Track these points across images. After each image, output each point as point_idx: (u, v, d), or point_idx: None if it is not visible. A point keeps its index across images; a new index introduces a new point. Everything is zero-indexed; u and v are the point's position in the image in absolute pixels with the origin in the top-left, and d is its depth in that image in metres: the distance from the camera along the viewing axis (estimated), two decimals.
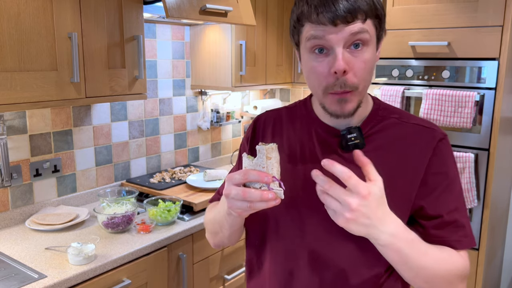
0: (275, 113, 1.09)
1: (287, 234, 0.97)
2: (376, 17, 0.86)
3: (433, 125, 0.97)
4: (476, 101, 2.04)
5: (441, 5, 2.11)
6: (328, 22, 0.82)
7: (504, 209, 2.63)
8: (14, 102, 1.47)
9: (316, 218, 0.93)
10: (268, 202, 0.79)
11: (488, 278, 2.35)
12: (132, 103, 2.31)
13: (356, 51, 0.85)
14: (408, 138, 0.94)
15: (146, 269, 1.72)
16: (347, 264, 0.92)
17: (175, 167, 2.57)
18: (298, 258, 0.96)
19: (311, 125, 1.01)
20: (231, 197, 0.81)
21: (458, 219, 0.91)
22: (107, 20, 1.72)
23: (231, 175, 0.82)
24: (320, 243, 0.94)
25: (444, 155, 0.93)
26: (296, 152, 0.99)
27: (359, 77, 0.86)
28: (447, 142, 0.95)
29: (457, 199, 0.93)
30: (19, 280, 1.41)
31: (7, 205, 1.85)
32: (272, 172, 0.80)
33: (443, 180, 0.92)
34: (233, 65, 2.40)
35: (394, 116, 0.97)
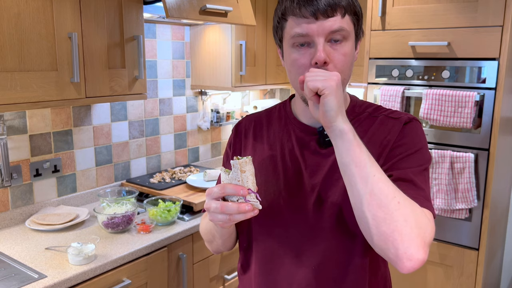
0: (255, 117, 1.14)
1: (270, 234, 1.01)
2: (354, 14, 0.93)
3: (401, 115, 1.00)
4: (476, 101, 2.04)
5: (441, 5, 2.11)
6: (310, 15, 0.88)
7: (504, 209, 2.63)
8: (14, 102, 1.47)
9: (298, 216, 0.97)
10: (246, 214, 0.83)
11: (488, 278, 2.35)
12: (132, 103, 2.31)
13: (336, 44, 0.90)
14: (377, 128, 0.98)
15: (146, 269, 1.72)
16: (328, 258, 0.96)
17: (175, 167, 2.57)
18: (281, 256, 1.00)
19: (290, 125, 1.05)
20: (211, 211, 0.85)
21: (413, 179, 0.89)
22: (107, 20, 1.72)
23: (210, 190, 0.86)
24: (302, 240, 0.97)
25: (407, 134, 0.96)
26: (277, 152, 1.03)
27: (339, 68, 0.90)
28: (413, 125, 0.97)
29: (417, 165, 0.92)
30: (19, 280, 1.41)
31: (7, 205, 1.85)
32: (248, 185, 0.84)
33: (403, 151, 0.93)
34: (233, 65, 2.40)
35: (367, 111, 1.02)
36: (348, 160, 0.82)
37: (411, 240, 0.77)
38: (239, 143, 1.11)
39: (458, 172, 2.09)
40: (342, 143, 0.83)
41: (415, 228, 0.78)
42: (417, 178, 0.90)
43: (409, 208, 0.80)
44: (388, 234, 0.78)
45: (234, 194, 0.83)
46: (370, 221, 0.80)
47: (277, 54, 2.70)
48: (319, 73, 0.85)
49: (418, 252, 0.77)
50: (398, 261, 0.78)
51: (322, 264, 0.96)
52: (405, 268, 0.78)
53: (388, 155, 0.94)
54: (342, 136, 0.83)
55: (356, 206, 0.83)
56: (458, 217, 2.15)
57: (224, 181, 0.87)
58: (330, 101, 0.82)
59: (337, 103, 0.82)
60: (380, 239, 0.80)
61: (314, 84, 0.82)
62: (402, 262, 0.78)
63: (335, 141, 0.85)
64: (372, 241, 0.83)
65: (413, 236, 0.77)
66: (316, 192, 0.96)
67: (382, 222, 0.79)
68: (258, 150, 1.06)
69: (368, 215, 0.80)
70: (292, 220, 0.98)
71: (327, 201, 0.95)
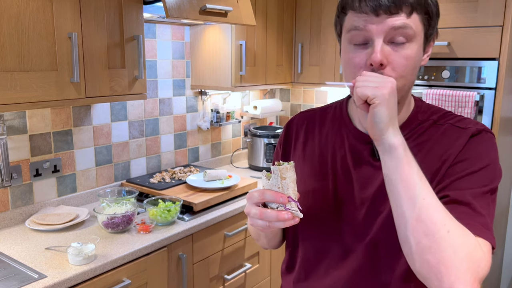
0: (308, 114, 1.06)
1: (314, 242, 0.98)
2: (425, 13, 0.82)
3: (469, 124, 0.89)
4: (476, 101, 2.04)
5: (441, 5, 2.10)
6: (370, 11, 0.79)
7: (504, 209, 2.63)
8: (14, 102, 1.47)
9: (344, 228, 0.93)
10: (286, 222, 0.79)
11: (488, 278, 2.35)
12: (132, 103, 2.31)
13: (397, 46, 0.81)
14: (440, 139, 0.88)
15: (146, 269, 1.71)
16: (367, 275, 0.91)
17: (175, 167, 2.57)
18: (322, 265, 0.97)
19: (343, 129, 0.97)
20: (251, 216, 0.82)
21: (471, 202, 0.79)
22: (107, 20, 1.72)
23: (251, 194, 0.83)
24: (345, 252, 0.93)
25: (473, 148, 0.85)
26: (328, 158, 0.97)
27: (398, 72, 0.81)
28: (481, 137, 0.86)
29: (479, 186, 0.81)
30: (19, 280, 1.41)
31: (7, 205, 1.85)
32: (288, 192, 0.81)
33: (464, 168, 0.83)
34: (233, 65, 2.40)
35: (432, 118, 0.92)
36: (395, 177, 0.75)
37: (458, 274, 0.69)
38: (289, 142, 1.05)
39: None
40: (390, 158, 0.76)
41: (465, 262, 0.70)
42: (476, 202, 0.79)
43: (461, 238, 0.72)
44: (433, 264, 0.71)
45: (273, 201, 0.80)
46: (413, 248, 0.73)
47: (277, 54, 2.71)
48: (372, 78, 0.76)
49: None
50: None
51: (359, 282, 0.92)
52: None
53: (447, 171, 0.84)
54: (391, 151, 0.76)
55: (399, 229, 0.76)
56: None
57: (264, 186, 0.83)
58: (380, 111, 0.74)
59: (388, 114, 0.74)
60: (423, 267, 0.73)
61: (364, 92, 0.75)
62: None
63: (383, 155, 0.77)
64: (414, 268, 0.75)
65: (462, 270, 0.69)
66: (366, 207, 0.90)
67: (427, 251, 0.72)
68: (308, 154, 1.00)
69: (412, 241, 0.73)
70: (338, 232, 0.93)
71: (376, 218, 0.88)
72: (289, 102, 3.25)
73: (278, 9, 2.65)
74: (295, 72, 2.83)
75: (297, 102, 3.22)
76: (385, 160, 0.77)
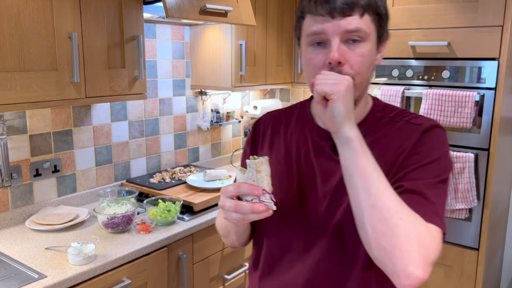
0: (274, 114, 1.12)
1: (280, 235, 1.01)
2: (376, 14, 0.88)
3: (423, 121, 0.95)
4: (476, 101, 2.04)
5: (441, 5, 2.11)
6: (326, 13, 0.85)
7: (504, 209, 2.63)
8: (14, 102, 1.47)
9: (308, 221, 0.97)
10: (260, 214, 0.83)
11: (488, 278, 2.35)
12: (132, 103, 2.31)
13: (353, 45, 0.87)
14: (395, 135, 0.94)
15: (146, 269, 1.72)
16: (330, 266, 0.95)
17: (175, 167, 2.57)
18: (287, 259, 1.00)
19: (307, 127, 1.03)
20: (225, 209, 0.85)
21: (424, 192, 0.85)
22: (107, 20, 1.72)
23: (225, 188, 0.86)
24: (308, 244, 0.97)
25: (425, 142, 0.91)
26: (293, 154, 1.02)
27: (355, 70, 0.87)
28: (433, 132, 0.93)
29: (431, 177, 0.87)
30: (19, 280, 1.41)
31: (7, 205, 1.85)
32: (263, 185, 0.84)
33: (418, 160, 0.89)
34: (233, 65, 2.40)
35: (389, 116, 0.98)
36: (352, 169, 0.81)
37: (410, 257, 0.75)
38: (256, 141, 1.10)
39: (458, 172, 2.09)
40: (347, 151, 0.82)
41: (417, 246, 0.76)
42: (429, 191, 0.85)
43: (413, 224, 0.77)
44: (387, 249, 0.77)
45: (249, 194, 0.83)
46: (370, 233, 0.79)
47: (277, 54, 2.71)
48: (330, 76, 0.83)
49: (417, 270, 0.75)
50: (396, 277, 0.77)
51: (322, 272, 0.96)
52: (402, 285, 0.77)
53: (402, 164, 0.90)
54: (348, 144, 0.82)
55: (357, 216, 0.82)
56: (458, 217, 2.15)
57: (239, 180, 0.87)
58: (338, 106, 0.80)
59: (345, 109, 0.80)
60: (379, 252, 0.79)
61: (322, 88, 0.81)
62: (399, 278, 0.77)
63: (340, 148, 0.83)
64: (371, 253, 0.82)
65: (414, 253, 0.75)
66: (327, 199, 0.95)
67: (382, 236, 0.77)
68: (275, 151, 1.05)
69: (368, 227, 0.79)
70: (302, 225, 0.98)
71: (336, 210, 0.94)
72: (289, 102, 3.25)
73: (278, 9, 2.65)
74: (295, 72, 2.83)
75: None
76: (343, 152, 0.83)
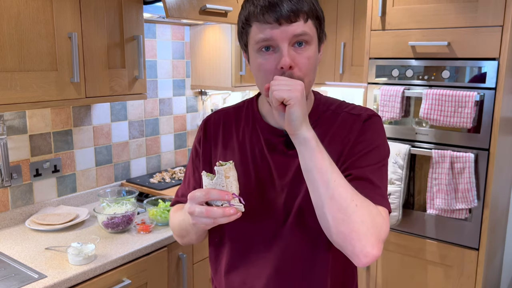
0: (223, 113, 1.15)
1: (242, 232, 1.04)
2: (316, 18, 0.95)
3: (361, 111, 1.03)
4: (476, 101, 2.04)
5: (441, 5, 2.11)
6: (273, 21, 0.90)
7: (504, 209, 2.63)
8: (14, 102, 1.47)
9: (269, 215, 1.02)
10: (230, 217, 0.87)
11: (488, 278, 2.35)
12: (132, 103, 2.31)
13: (299, 49, 0.92)
14: (339, 126, 1.02)
15: (146, 269, 1.72)
16: (295, 253, 1.01)
17: (175, 167, 2.57)
18: (251, 252, 1.04)
19: (257, 126, 1.07)
20: (196, 215, 0.87)
21: (370, 177, 0.94)
22: (107, 20, 1.72)
23: (193, 194, 0.88)
24: (271, 237, 1.02)
25: (366, 131, 1.00)
26: (247, 153, 1.06)
27: (304, 72, 0.93)
28: (372, 121, 1.01)
29: (374, 162, 0.96)
30: (19, 280, 1.41)
31: (7, 205, 1.85)
32: (232, 190, 0.87)
33: (361, 148, 0.97)
34: (233, 65, 2.40)
35: (331, 109, 1.06)
36: (311, 166, 0.87)
37: (367, 239, 0.84)
38: (208, 142, 1.13)
39: (458, 172, 2.09)
40: (305, 150, 0.88)
41: (371, 228, 0.85)
42: (373, 176, 0.95)
43: (366, 209, 0.86)
44: (346, 234, 0.85)
45: (219, 199, 0.86)
46: (330, 222, 0.87)
47: None
48: (284, 81, 0.87)
49: (373, 250, 0.85)
50: (355, 257, 0.86)
51: (289, 260, 1.01)
52: (361, 263, 0.86)
53: (348, 153, 0.98)
54: (306, 144, 0.87)
55: (317, 208, 0.89)
56: (458, 217, 2.15)
57: (207, 186, 0.89)
58: (295, 111, 0.85)
59: (301, 112, 0.86)
60: (339, 237, 0.87)
61: (280, 94, 0.85)
62: (358, 258, 0.86)
63: (299, 148, 0.89)
64: (331, 238, 0.89)
65: (369, 235, 0.85)
66: (285, 192, 1.00)
67: (341, 223, 0.85)
68: (230, 148, 1.09)
69: (329, 217, 0.87)
70: (263, 219, 1.02)
71: (294, 201, 1.00)
72: None
73: None
74: None
75: None
76: (301, 151, 0.89)
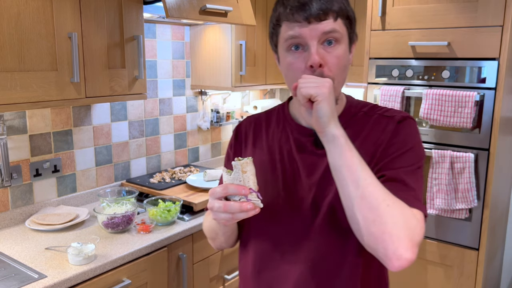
0: (255, 118, 1.16)
1: (268, 233, 1.03)
2: (346, 18, 0.94)
3: (395, 113, 1.02)
4: (476, 101, 2.04)
5: (441, 5, 2.11)
6: (303, 20, 0.90)
7: (504, 209, 2.63)
8: (14, 102, 1.47)
9: (296, 215, 1.00)
10: (248, 212, 0.86)
11: (488, 278, 2.35)
12: (132, 103, 2.31)
13: (329, 47, 0.92)
14: (372, 128, 1.00)
15: (146, 269, 1.72)
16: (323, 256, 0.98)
17: (175, 167, 2.57)
18: (278, 254, 1.02)
19: (287, 127, 1.08)
20: (215, 210, 0.88)
21: (404, 179, 0.92)
22: (107, 20, 1.72)
23: (213, 190, 0.89)
24: (298, 238, 1.00)
25: (400, 132, 0.98)
26: (275, 154, 1.06)
27: (333, 71, 0.93)
28: (406, 123, 0.99)
29: (409, 164, 0.94)
30: (19, 280, 1.41)
31: (7, 205, 1.85)
32: (249, 185, 0.88)
33: (395, 150, 0.95)
34: (233, 65, 2.40)
35: (363, 111, 1.04)
36: (340, 164, 0.86)
37: (399, 241, 0.81)
38: (239, 145, 1.14)
39: (458, 172, 2.09)
40: (334, 147, 0.86)
41: (404, 230, 0.81)
42: (408, 178, 0.92)
43: (399, 210, 0.83)
44: (378, 235, 0.82)
45: (236, 194, 0.86)
46: (360, 222, 0.84)
47: None
48: (312, 79, 0.87)
49: (406, 252, 0.81)
50: (388, 260, 0.82)
51: (317, 262, 0.98)
52: (394, 267, 0.82)
53: (381, 154, 0.96)
54: (334, 141, 0.86)
55: (347, 208, 0.86)
56: (458, 217, 2.15)
57: (226, 181, 0.90)
58: (323, 107, 0.85)
59: (329, 109, 0.85)
60: (370, 239, 0.83)
61: (307, 91, 0.85)
62: (391, 261, 0.82)
63: (327, 145, 0.88)
64: (362, 241, 0.86)
65: (402, 237, 0.81)
66: (313, 192, 0.99)
67: (372, 224, 0.82)
68: (258, 152, 1.09)
69: (359, 217, 0.84)
70: (290, 219, 1.01)
71: (323, 200, 0.98)
72: None
73: None
74: None
75: None
76: (330, 149, 0.87)
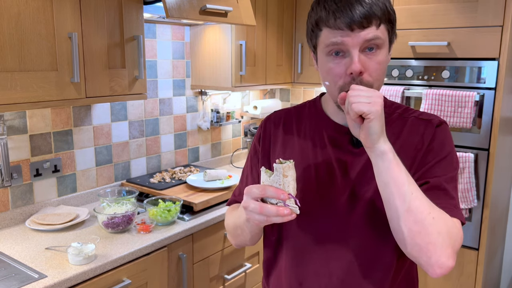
0: (284, 112, 1.14)
1: (302, 230, 1.02)
2: (389, 22, 0.94)
3: (431, 116, 1.02)
4: (476, 101, 2.04)
5: (441, 5, 2.11)
6: (345, 27, 0.88)
7: (504, 209, 2.63)
8: (14, 102, 1.47)
9: (330, 213, 1.00)
10: (284, 217, 0.84)
11: (488, 278, 2.35)
12: (132, 103, 2.31)
13: (370, 54, 0.91)
14: (410, 130, 1.00)
15: (146, 269, 1.72)
16: (357, 255, 0.98)
17: (175, 167, 2.57)
18: (312, 251, 1.01)
19: (321, 124, 1.06)
20: (249, 210, 0.86)
21: (446, 188, 0.94)
22: (107, 20, 1.72)
23: (250, 189, 0.86)
24: (332, 236, 0.99)
25: (438, 137, 0.99)
26: (308, 150, 1.04)
27: (374, 77, 0.92)
28: (443, 128, 1.01)
29: (448, 172, 0.96)
30: (19, 280, 1.41)
31: (7, 205, 1.85)
32: (288, 190, 0.85)
33: (435, 156, 0.97)
34: (233, 65, 2.40)
35: (398, 112, 1.04)
36: (387, 179, 0.86)
37: (443, 250, 0.84)
38: (268, 138, 1.12)
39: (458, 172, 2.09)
40: (382, 163, 0.86)
41: (447, 239, 0.85)
42: (449, 187, 0.94)
43: (442, 221, 0.86)
44: (422, 246, 0.85)
45: (274, 197, 0.84)
46: (406, 234, 0.86)
47: (277, 54, 2.71)
48: (363, 93, 0.85)
49: (448, 261, 0.84)
50: (430, 268, 0.85)
51: (351, 261, 0.98)
52: (435, 274, 0.86)
53: (422, 159, 0.97)
54: (383, 157, 0.86)
55: (392, 220, 0.88)
56: None
57: (264, 182, 0.88)
58: (375, 125, 0.84)
59: (380, 126, 0.85)
60: (414, 249, 0.86)
61: (359, 108, 0.83)
62: (433, 269, 0.85)
63: (375, 160, 0.88)
64: (405, 250, 0.88)
65: (445, 246, 0.84)
66: (348, 190, 0.99)
67: (417, 236, 0.84)
68: (289, 146, 1.08)
69: (404, 229, 0.86)
70: (324, 217, 1.00)
71: (359, 199, 0.98)
72: (289, 102, 3.25)
73: (278, 9, 2.65)
74: (295, 72, 2.83)
75: (297, 102, 3.22)
76: (377, 164, 0.87)
